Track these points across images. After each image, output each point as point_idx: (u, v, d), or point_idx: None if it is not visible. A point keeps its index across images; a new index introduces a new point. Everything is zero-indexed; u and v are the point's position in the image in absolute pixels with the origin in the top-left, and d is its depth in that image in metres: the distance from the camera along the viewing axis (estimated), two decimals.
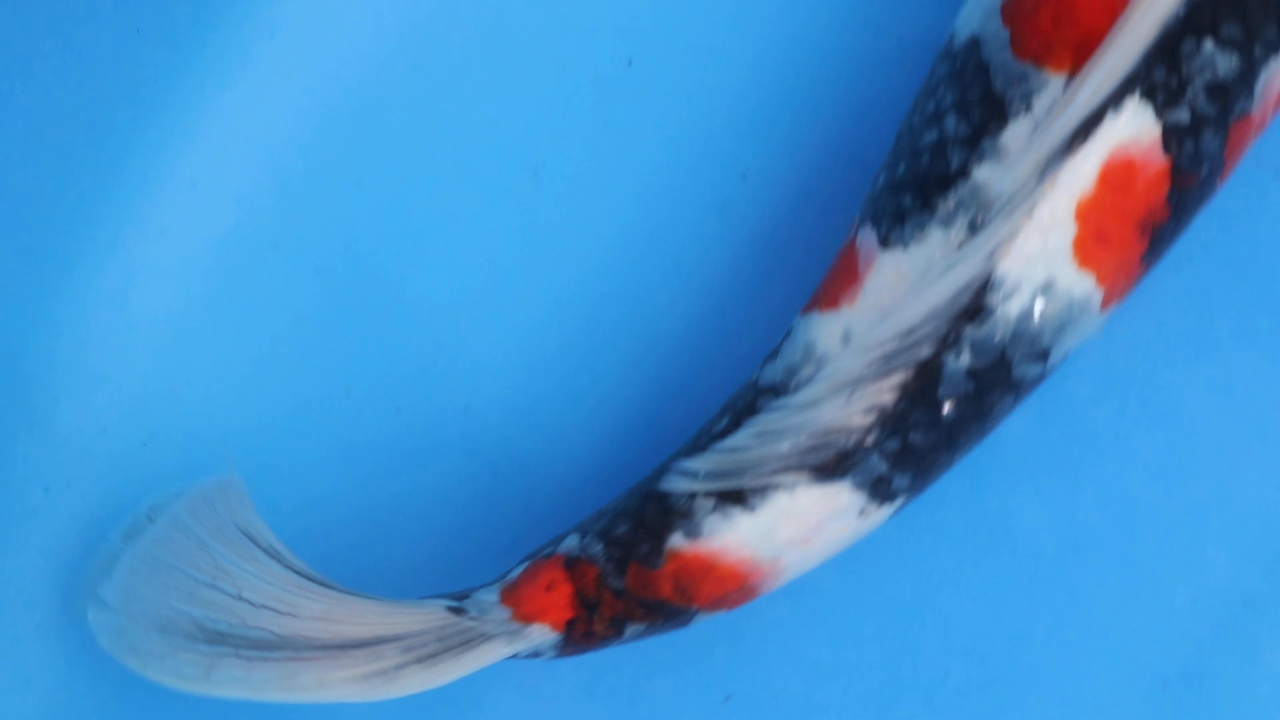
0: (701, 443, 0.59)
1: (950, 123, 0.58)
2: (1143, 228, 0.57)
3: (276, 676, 0.58)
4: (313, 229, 0.69)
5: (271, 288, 0.68)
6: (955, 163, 0.57)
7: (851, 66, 0.68)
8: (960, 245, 0.57)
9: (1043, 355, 0.58)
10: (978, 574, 0.66)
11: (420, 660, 0.58)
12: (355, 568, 0.67)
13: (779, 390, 0.58)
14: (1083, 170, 0.56)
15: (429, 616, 0.59)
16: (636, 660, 0.67)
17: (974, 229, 0.57)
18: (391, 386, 0.68)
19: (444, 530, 0.67)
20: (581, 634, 0.59)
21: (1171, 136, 0.56)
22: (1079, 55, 0.56)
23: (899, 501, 0.59)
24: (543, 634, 0.59)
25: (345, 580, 0.63)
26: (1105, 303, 0.58)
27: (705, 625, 0.62)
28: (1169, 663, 0.66)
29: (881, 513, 0.59)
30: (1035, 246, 0.56)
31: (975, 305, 0.56)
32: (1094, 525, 0.66)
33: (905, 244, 0.57)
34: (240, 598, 0.59)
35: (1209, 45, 0.56)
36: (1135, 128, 0.56)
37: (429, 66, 0.69)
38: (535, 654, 0.60)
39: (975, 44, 0.58)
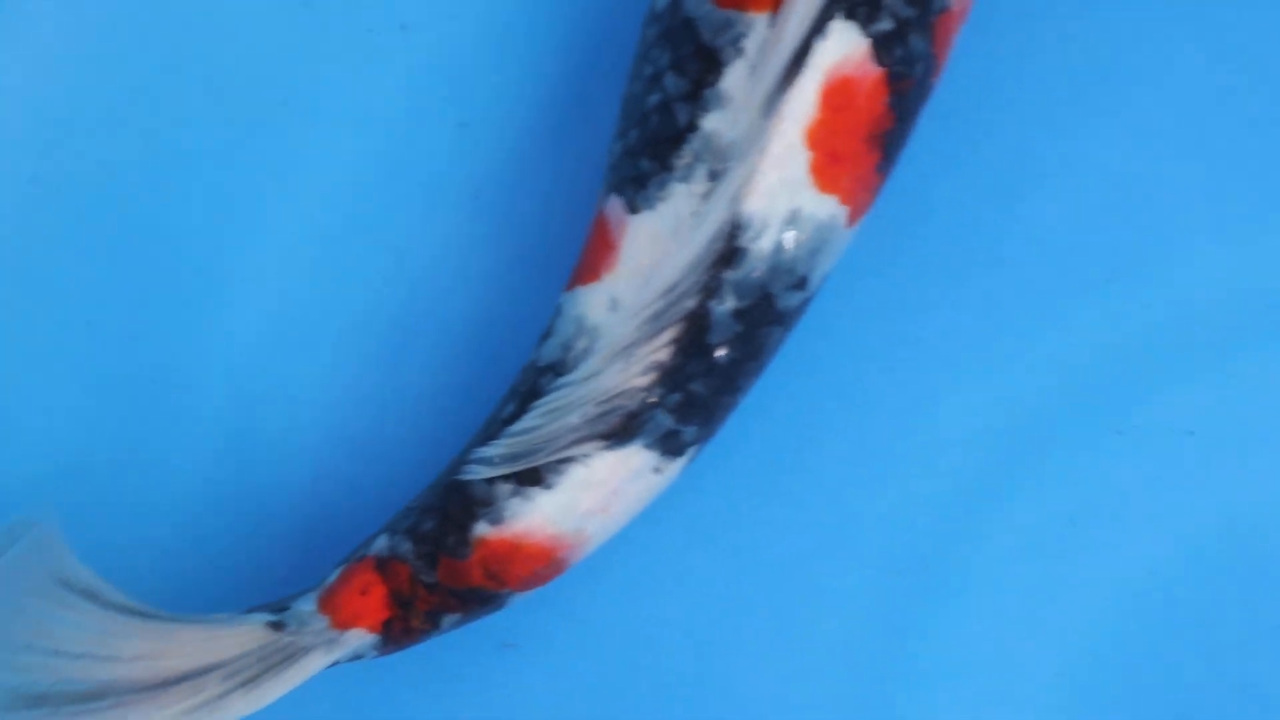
0: (493, 430, 0.60)
1: (670, 82, 0.59)
2: (871, 139, 0.59)
3: None
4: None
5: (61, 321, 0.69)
6: (682, 119, 0.58)
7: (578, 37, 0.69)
8: (704, 196, 0.58)
9: (801, 283, 0.59)
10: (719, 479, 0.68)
11: (244, 684, 0.59)
12: (179, 585, 0.67)
13: (558, 368, 0.59)
14: (804, 98, 0.57)
15: (249, 637, 0.59)
16: None
17: (714, 177, 0.58)
18: (201, 403, 0.68)
19: (264, 539, 0.68)
20: (400, 631, 0.60)
21: (880, 46, 0.58)
22: None
23: (690, 452, 0.60)
24: (361, 637, 0.60)
25: (170, 598, 0.63)
26: (851, 219, 0.59)
27: None
28: (903, 549, 0.69)
29: (675, 466, 0.60)
30: (775, 181, 0.58)
31: (729, 249, 0.58)
32: (831, 415, 0.68)
33: (652, 206, 0.58)
34: (59, 652, 0.59)
35: None
36: (844, 47, 0.57)
37: None
38: (357, 656, 0.61)
39: (678, 2, 0.59)
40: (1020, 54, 0.69)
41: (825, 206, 0.58)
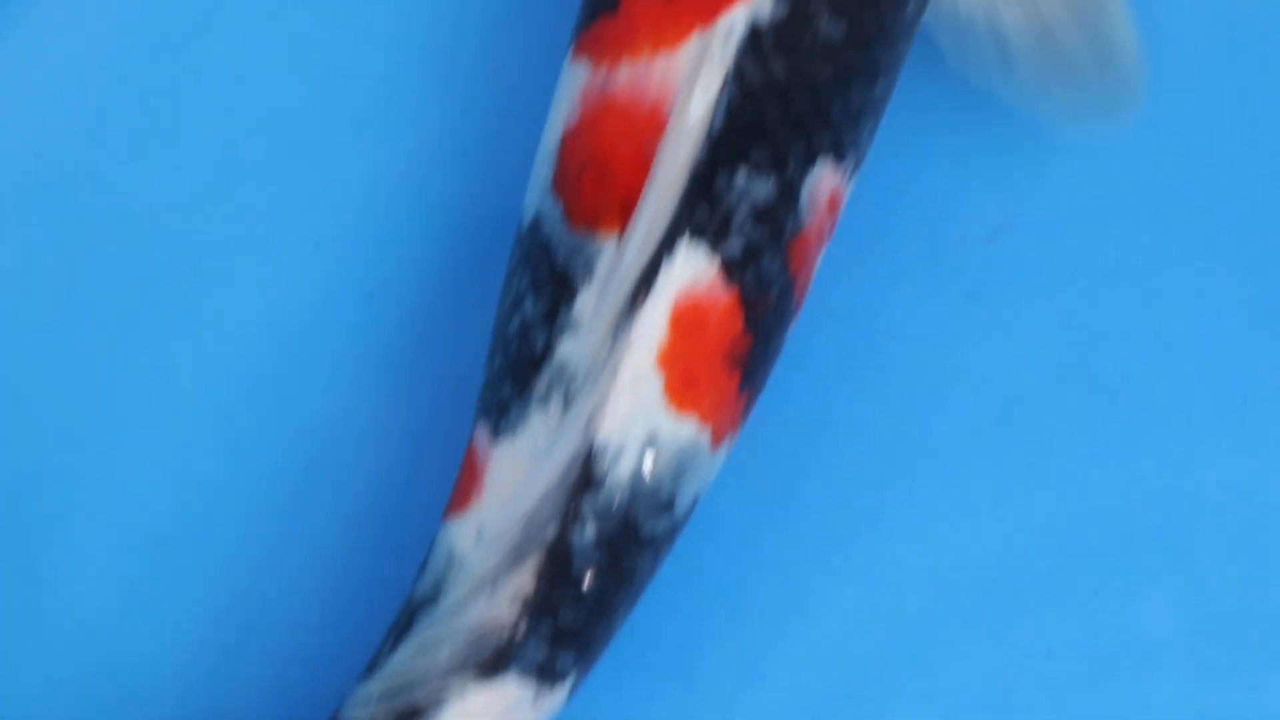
0: (372, 667, 0.60)
1: (528, 305, 0.60)
2: (729, 360, 0.59)
3: None
4: None
5: None
6: (539, 344, 0.59)
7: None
8: (559, 423, 0.58)
9: (668, 506, 0.59)
10: None
11: None
12: None
13: (431, 601, 0.59)
14: (653, 321, 0.58)
15: None
16: None
17: (567, 404, 0.58)
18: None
19: None
20: None
21: (731, 269, 0.58)
22: (626, 214, 0.58)
23: (572, 679, 0.60)
24: None
25: None
26: (716, 439, 0.59)
27: None
28: None
29: (556, 694, 0.60)
30: (628, 405, 0.58)
31: (586, 476, 0.58)
32: None
33: (513, 433, 0.59)
34: None
35: (743, 173, 0.58)
36: (692, 269, 0.58)
37: None
38: None
39: (537, 223, 0.60)
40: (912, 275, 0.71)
41: (685, 429, 0.58)
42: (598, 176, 0.59)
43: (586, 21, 0.60)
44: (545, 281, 0.59)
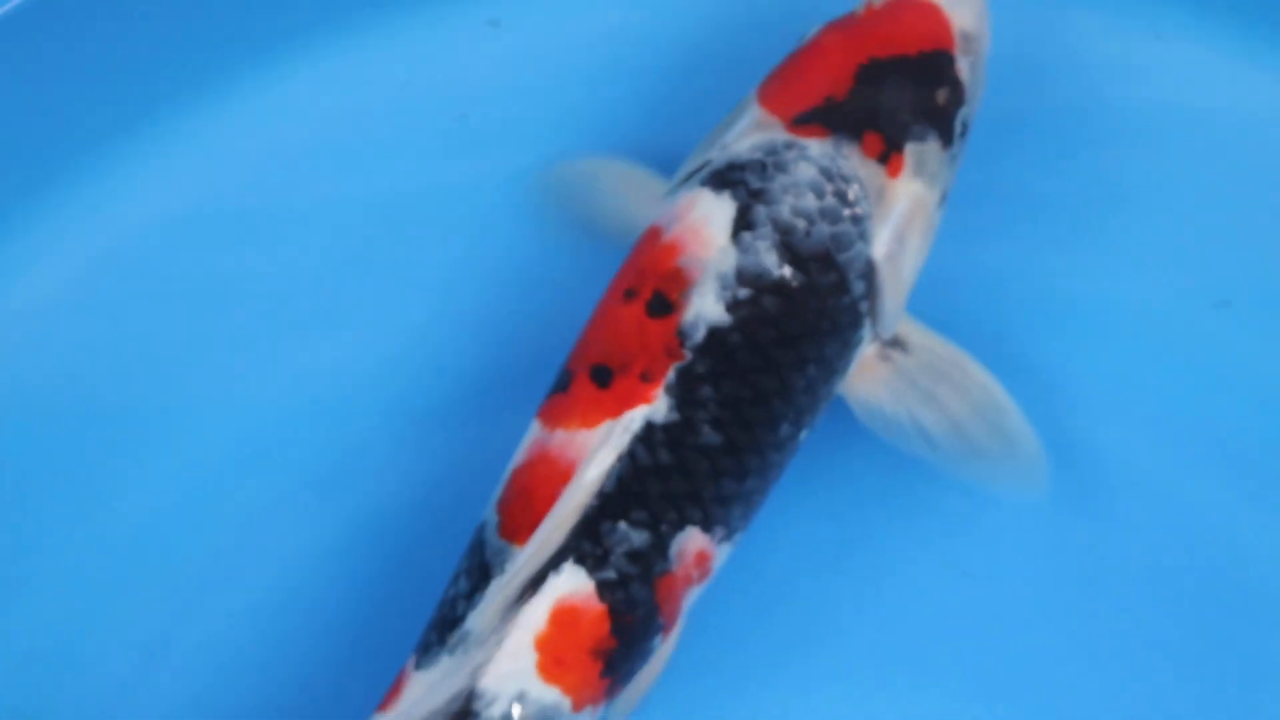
0: None
1: (461, 583, 0.80)
2: (594, 654, 0.78)
3: None
4: None
5: None
6: (460, 611, 0.79)
7: None
8: (456, 668, 0.79)
9: None
10: None
11: None
12: None
13: None
14: (536, 613, 0.78)
15: None
16: None
17: (466, 657, 0.79)
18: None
19: None
20: None
21: (604, 589, 0.78)
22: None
23: None
24: None
25: None
26: (577, 707, 0.78)
27: None
28: None
29: None
30: (507, 668, 0.77)
31: (464, 708, 0.78)
32: None
33: (427, 668, 0.79)
34: None
35: (623, 525, 0.78)
36: (573, 584, 0.78)
37: None
38: None
39: (483, 526, 0.81)
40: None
41: (550, 694, 0.78)
42: (523, 505, 0.79)
43: (549, 394, 0.81)
44: (475, 569, 0.79)
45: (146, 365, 0.93)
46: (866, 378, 0.83)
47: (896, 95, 0.82)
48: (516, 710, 0.78)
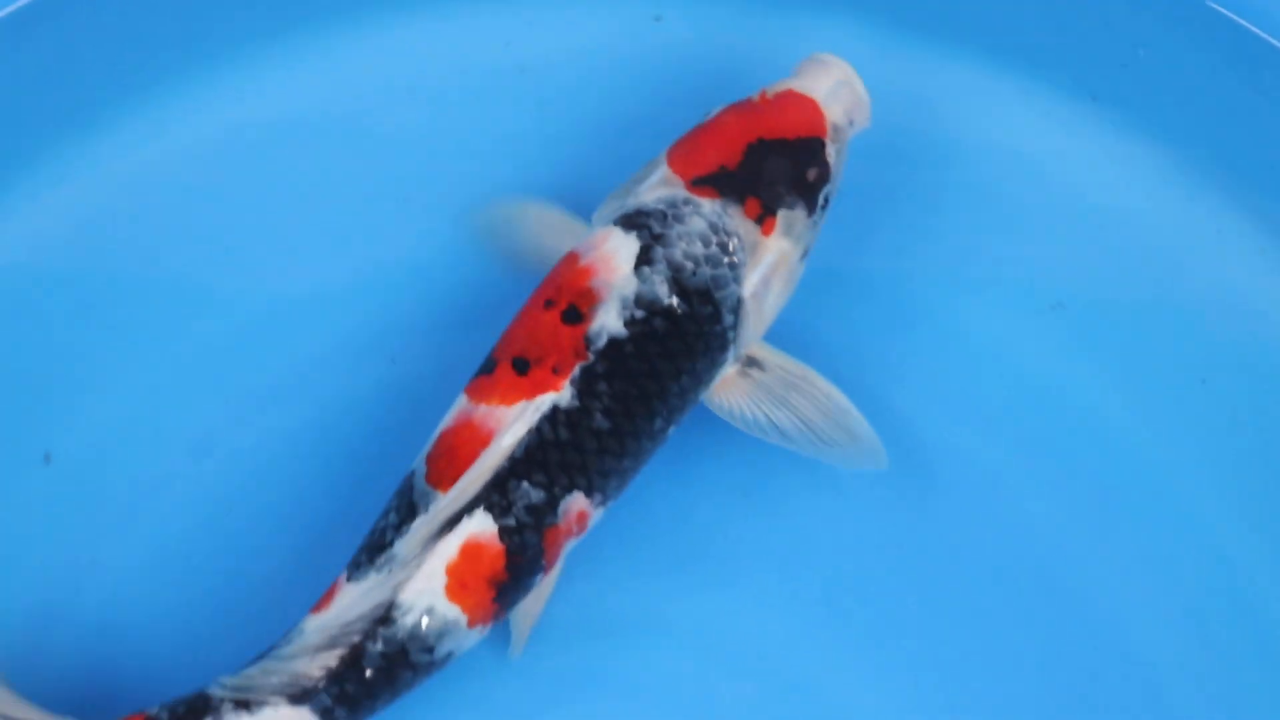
0: (236, 668, 0.95)
1: (391, 516, 0.96)
2: (490, 583, 0.90)
3: None
4: None
5: None
6: (389, 539, 0.95)
7: None
8: (380, 582, 0.96)
9: (429, 649, 0.93)
10: None
11: None
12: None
13: (284, 646, 0.94)
14: (450, 546, 0.94)
15: None
16: None
17: (389, 574, 0.96)
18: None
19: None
20: None
21: (504, 533, 0.90)
22: (453, 485, 0.98)
23: None
24: None
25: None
26: (473, 623, 0.90)
27: None
28: None
29: None
30: (422, 586, 0.91)
31: (385, 615, 0.93)
32: None
33: (357, 581, 0.95)
34: None
35: (525, 484, 0.94)
36: (481, 526, 0.93)
37: None
38: None
39: (413, 473, 0.97)
40: None
41: (452, 610, 0.90)
42: (448, 460, 0.90)
43: (476, 375, 0.98)
44: (404, 507, 0.91)
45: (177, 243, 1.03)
46: (729, 389, 0.97)
47: (775, 170, 1.00)
48: (425, 621, 0.95)
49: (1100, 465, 0.99)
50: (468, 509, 0.92)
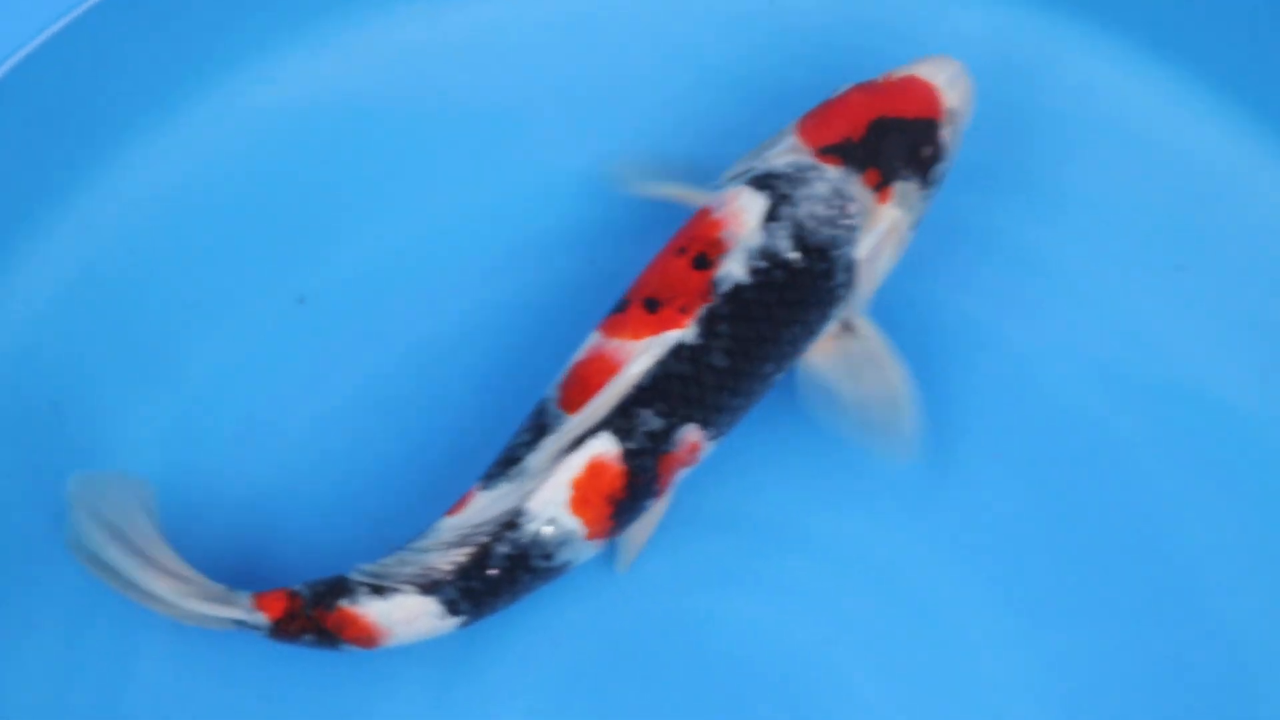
0: (373, 558, 1.04)
1: (525, 435, 1.04)
2: (609, 500, 0.96)
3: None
4: None
5: None
6: (520, 455, 0.96)
7: None
8: (509, 491, 1.04)
9: (549, 556, 1.01)
10: None
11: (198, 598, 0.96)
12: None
13: (421, 538, 1.03)
14: (576, 463, 0.96)
15: (215, 588, 0.97)
16: None
17: (518, 485, 1.04)
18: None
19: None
20: (283, 632, 1.03)
21: (627, 455, 0.95)
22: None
23: (462, 618, 1.00)
24: (262, 620, 1.03)
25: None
26: (590, 535, 0.96)
27: None
28: None
29: (450, 621, 1.00)
30: (547, 497, 0.95)
31: (512, 521, 0.96)
32: None
33: (490, 490, 1.03)
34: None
35: (647, 412, 0.96)
36: (606, 447, 1.00)
37: None
38: (255, 628, 0.95)
39: (546, 399, 1.05)
40: None
41: (573, 522, 0.95)
42: (579, 387, 0.96)
43: (610, 313, 0.98)
44: (535, 427, 0.96)
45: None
46: (821, 347, 1.03)
47: (895, 146, 1.09)
48: (548, 529, 0.99)
49: (1216, 432, 1.05)
50: (594, 431, 0.97)
